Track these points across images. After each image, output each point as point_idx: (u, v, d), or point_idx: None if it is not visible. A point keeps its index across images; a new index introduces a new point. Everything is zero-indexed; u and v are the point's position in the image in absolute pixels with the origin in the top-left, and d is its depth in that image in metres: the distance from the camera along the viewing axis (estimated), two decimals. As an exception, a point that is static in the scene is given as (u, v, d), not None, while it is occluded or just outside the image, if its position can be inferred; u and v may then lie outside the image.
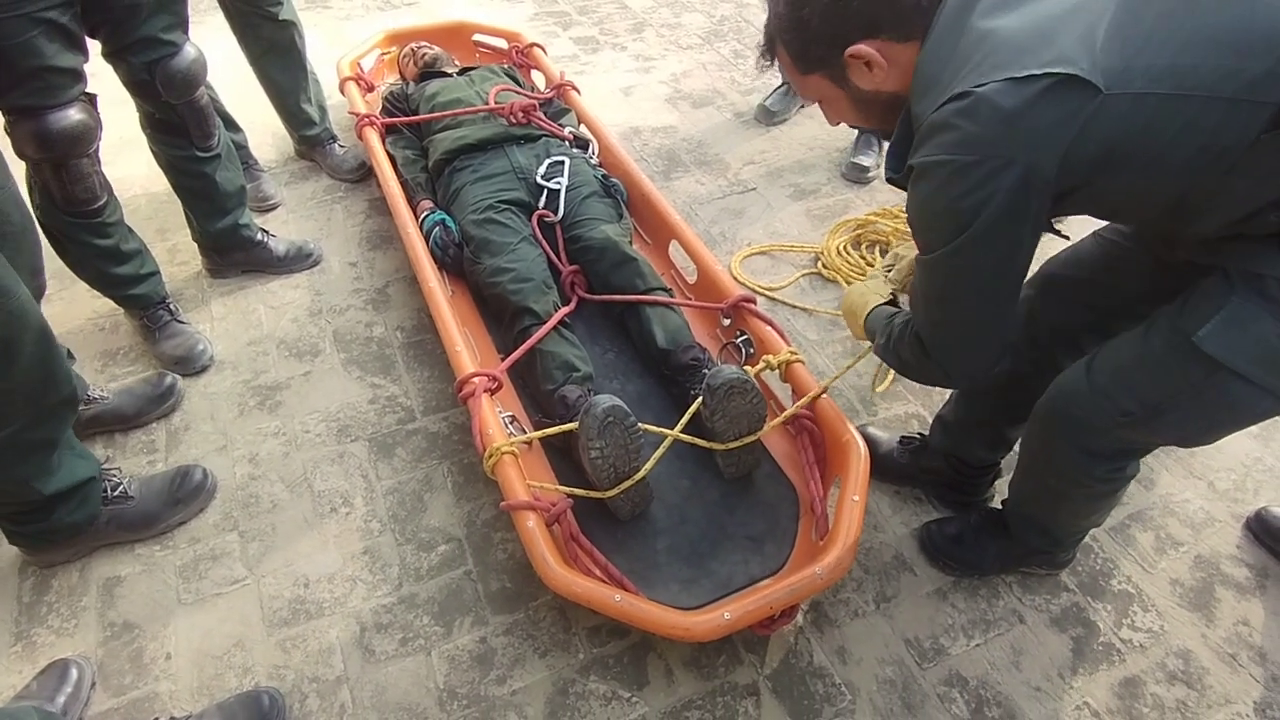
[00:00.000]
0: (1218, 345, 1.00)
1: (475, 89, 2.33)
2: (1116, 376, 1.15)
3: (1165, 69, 0.86)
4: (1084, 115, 0.87)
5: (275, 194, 2.46)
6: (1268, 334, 0.96)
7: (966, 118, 0.91)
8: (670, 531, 1.52)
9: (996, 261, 1.02)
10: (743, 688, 1.39)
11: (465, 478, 1.72)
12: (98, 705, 1.36)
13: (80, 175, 1.58)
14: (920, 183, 1.00)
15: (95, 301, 2.08)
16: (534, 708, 1.36)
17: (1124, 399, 1.13)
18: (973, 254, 1.00)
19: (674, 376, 1.74)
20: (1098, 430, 1.19)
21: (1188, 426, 1.12)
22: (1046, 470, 1.32)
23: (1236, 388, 1.02)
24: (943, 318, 1.13)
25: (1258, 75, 0.84)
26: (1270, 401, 1.03)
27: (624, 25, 3.56)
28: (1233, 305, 0.98)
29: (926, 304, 1.15)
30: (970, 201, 0.94)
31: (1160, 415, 1.11)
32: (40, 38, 1.41)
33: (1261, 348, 0.98)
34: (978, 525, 1.56)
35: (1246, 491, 1.72)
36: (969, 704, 1.38)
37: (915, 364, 1.23)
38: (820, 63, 1.08)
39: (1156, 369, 1.09)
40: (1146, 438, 1.19)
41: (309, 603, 1.50)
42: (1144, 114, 0.87)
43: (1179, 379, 1.06)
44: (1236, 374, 1.00)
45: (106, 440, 1.78)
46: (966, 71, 0.92)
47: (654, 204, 2.12)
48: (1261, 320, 0.96)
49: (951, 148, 0.93)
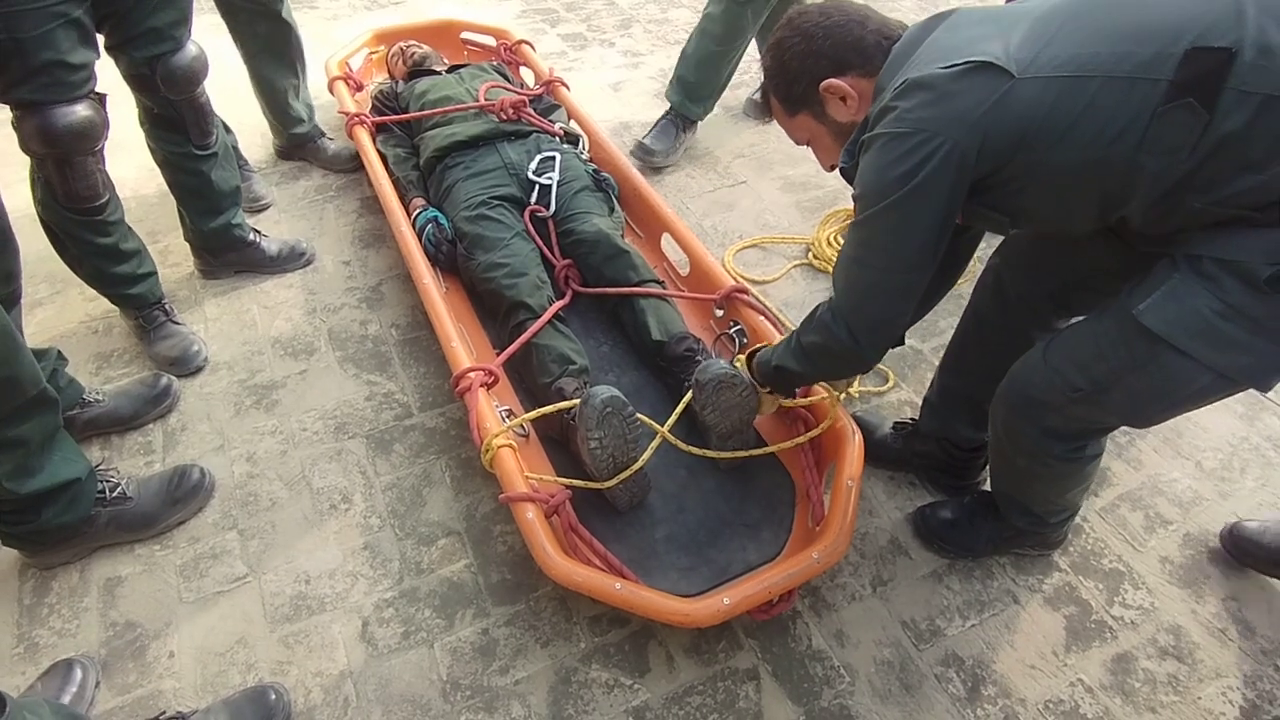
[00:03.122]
0: (1156, 319, 1.05)
1: (465, 86, 2.33)
2: (1067, 354, 1.20)
3: (1069, 57, 0.99)
4: (998, 94, 1.01)
5: (266, 194, 2.46)
6: (1203, 309, 1.01)
7: (903, 98, 1.06)
8: (669, 520, 1.54)
9: (914, 225, 1.12)
10: (743, 672, 1.41)
11: (463, 472, 1.73)
12: (102, 704, 1.36)
13: (84, 172, 1.58)
14: (864, 155, 1.13)
15: (89, 304, 2.08)
16: (537, 697, 1.38)
17: (1074, 375, 1.17)
18: (894, 217, 1.11)
19: (669, 368, 1.75)
20: (1052, 408, 1.23)
21: (1134, 403, 1.15)
22: (1013, 451, 1.36)
23: (1176, 362, 1.06)
24: (857, 278, 1.23)
25: (1148, 57, 0.95)
26: (1210, 378, 1.06)
27: (611, 21, 3.57)
28: (1173, 282, 1.04)
29: (847, 267, 1.24)
30: (900, 170, 1.07)
31: (1107, 391, 1.15)
32: (57, 31, 1.41)
33: (1197, 322, 1.02)
34: (970, 508, 1.59)
35: (1233, 470, 1.75)
36: (966, 683, 1.40)
37: (824, 341, 1.30)
38: (802, 101, 1.25)
39: (1104, 345, 1.13)
40: (1098, 415, 1.23)
41: (310, 599, 1.51)
42: (1051, 95, 0.99)
43: (1124, 355, 1.10)
44: (1175, 348, 1.04)
45: (103, 442, 1.78)
46: (909, 70, 1.09)
47: (645, 198, 2.14)
48: (1198, 296, 1.01)
49: (890, 123, 1.07)
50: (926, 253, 1.14)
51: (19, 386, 1.34)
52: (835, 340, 1.27)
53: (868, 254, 1.19)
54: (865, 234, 1.17)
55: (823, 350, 1.31)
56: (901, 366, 1.98)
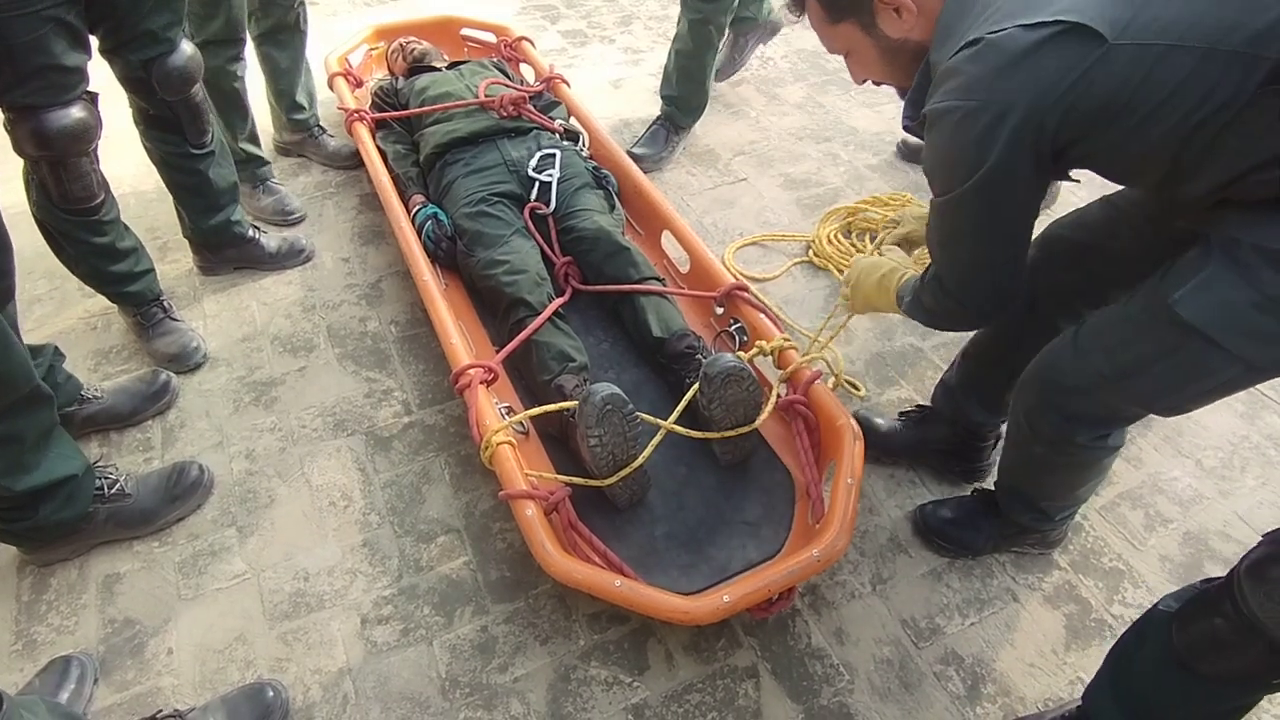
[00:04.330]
0: (1191, 308, 1.01)
1: (465, 83, 2.33)
2: (1097, 340, 1.17)
3: (1170, 21, 0.88)
4: (1088, 63, 0.90)
5: (299, 206, 2.41)
6: (1239, 300, 0.98)
7: (974, 62, 0.95)
8: (668, 518, 1.54)
9: (1003, 204, 1.06)
10: (742, 670, 1.41)
11: (463, 469, 1.72)
12: (100, 701, 1.36)
13: (79, 173, 1.58)
14: (932, 131, 1.05)
15: (87, 300, 2.07)
16: (536, 694, 1.37)
17: (1101, 362, 1.15)
18: (980, 197, 1.04)
19: (669, 365, 1.75)
20: (1077, 393, 1.21)
21: (1161, 391, 1.13)
22: (1033, 438, 1.33)
23: (1207, 352, 1.03)
24: (957, 256, 1.18)
25: (1260, 29, 0.86)
26: (1239, 369, 1.03)
27: (612, 18, 3.56)
28: (1209, 271, 1.00)
29: (942, 245, 1.19)
30: (976, 149, 0.99)
31: (1134, 378, 1.12)
32: (49, 35, 1.40)
33: (1232, 313, 0.99)
34: (971, 506, 1.58)
35: (1234, 469, 1.75)
36: (965, 681, 1.40)
37: (936, 306, 1.27)
38: (851, 9, 1.12)
39: (1134, 332, 1.11)
40: (1124, 402, 1.21)
41: (309, 596, 1.51)
42: (1146, 64, 0.90)
43: (1153, 342, 1.08)
44: (1207, 338, 1.01)
45: (102, 439, 1.77)
46: (981, 20, 0.97)
47: (646, 195, 2.13)
48: (1235, 287, 0.98)
49: (958, 93, 0.97)
50: (1020, 225, 1.10)
51: (11, 383, 1.34)
52: (946, 307, 1.24)
53: (957, 235, 1.15)
54: (950, 218, 1.13)
55: (936, 312, 1.28)
56: (901, 365, 1.98)
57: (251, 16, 2.26)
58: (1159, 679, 1.07)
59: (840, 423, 1.52)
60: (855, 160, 2.68)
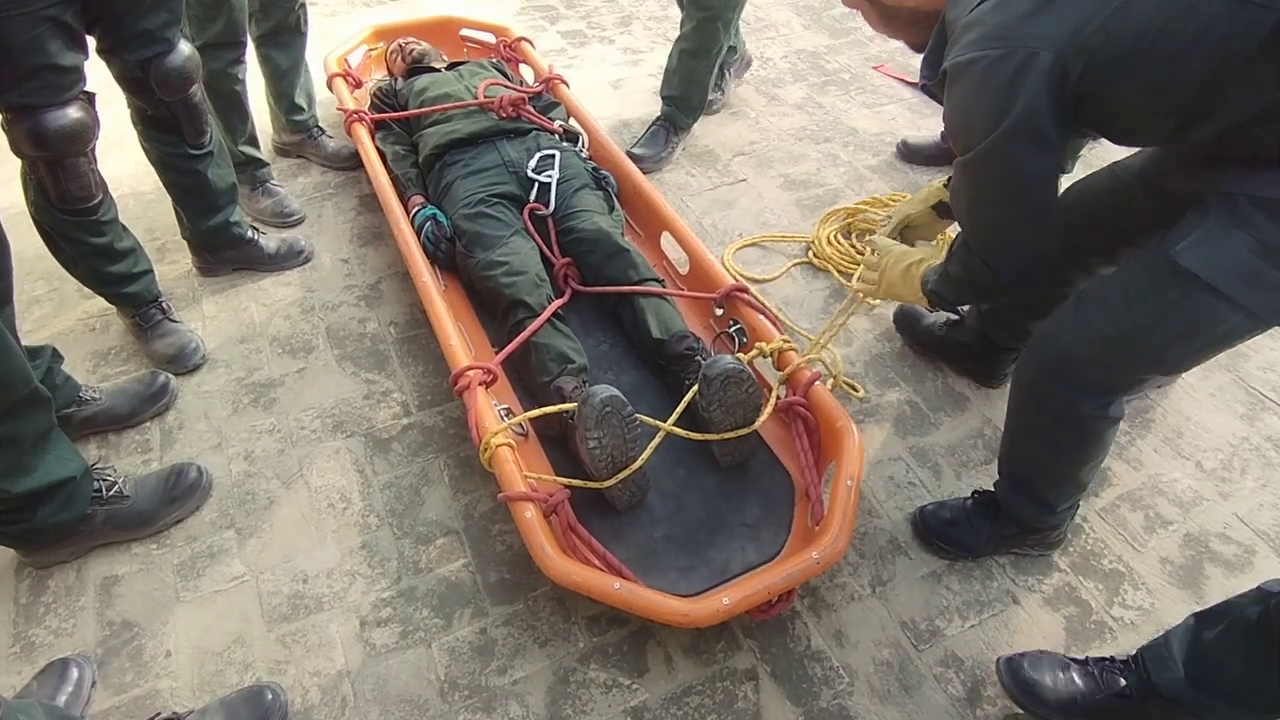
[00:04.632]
0: (1194, 259, 1.05)
1: (464, 84, 2.32)
2: (1099, 304, 1.20)
3: None
4: (1110, 9, 0.94)
5: (298, 208, 2.40)
6: (1239, 249, 1.02)
7: (997, 12, 0.99)
8: (667, 520, 1.54)
9: (1027, 157, 1.07)
10: (742, 672, 1.41)
11: (462, 471, 1.72)
12: (99, 704, 1.36)
13: (77, 173, 1.57)
14: (954, 85, 1.06)
15: (85, 302, 2.07)
16: (535, 697, 1.37)
17: (1105, 325, 1.18)
18: (1006, 147, 1.06)
19: (668, 366, 1.74)
20: (1083, 361, 1.23)
21: (1166, 347, 1.16)
22: (1037, 414, 1.35)
23: (1210, 302, 1.07)
24: (984, 218, 1.20)
25: None
26: (1240, 317, 1.07)
27: (611, 19, 3.56)
28: (1209, 224, 1.05)
29: (969, 206, 1.20)
30: (1001, 96, 1.01)
31: (1139, 337, 1.15)
32: (45, 35, 1.40)
33: (1233, 261, 1.03)
34: (971, 508, 1.58)
35: (1234, 471, 1.75)
36: (965, 684, 1.40)
37: (965, 274, 1.28)
38: None
39: (1137, 292, 1.15)
40: (1128, 364, 1.22)
41: (308, 598, 1.50)
42: (1166, 11, 0.93)
43: (1156, 299, 1.12)
44: (1211, 287, 1.05)
45: (100, 440, 1.77)
46: None
47: (645, 196, 2.13)
48: (1234, 236, 1.03)
49: (982, 42, 1.00)
50: (1045, 181, 1.11)
51: (8, 385, 1.34)
52: (976, 273, 1.25)
53: (983, 194, 1.16)
54: (975, 177, 1.13)
55: (967, 283, 1.30)
56: (901, 366, 1.98)
57: (252, 18, 2.26)
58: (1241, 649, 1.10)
59: (840, 424, 1.51)
60: (855, 161, 2.68)
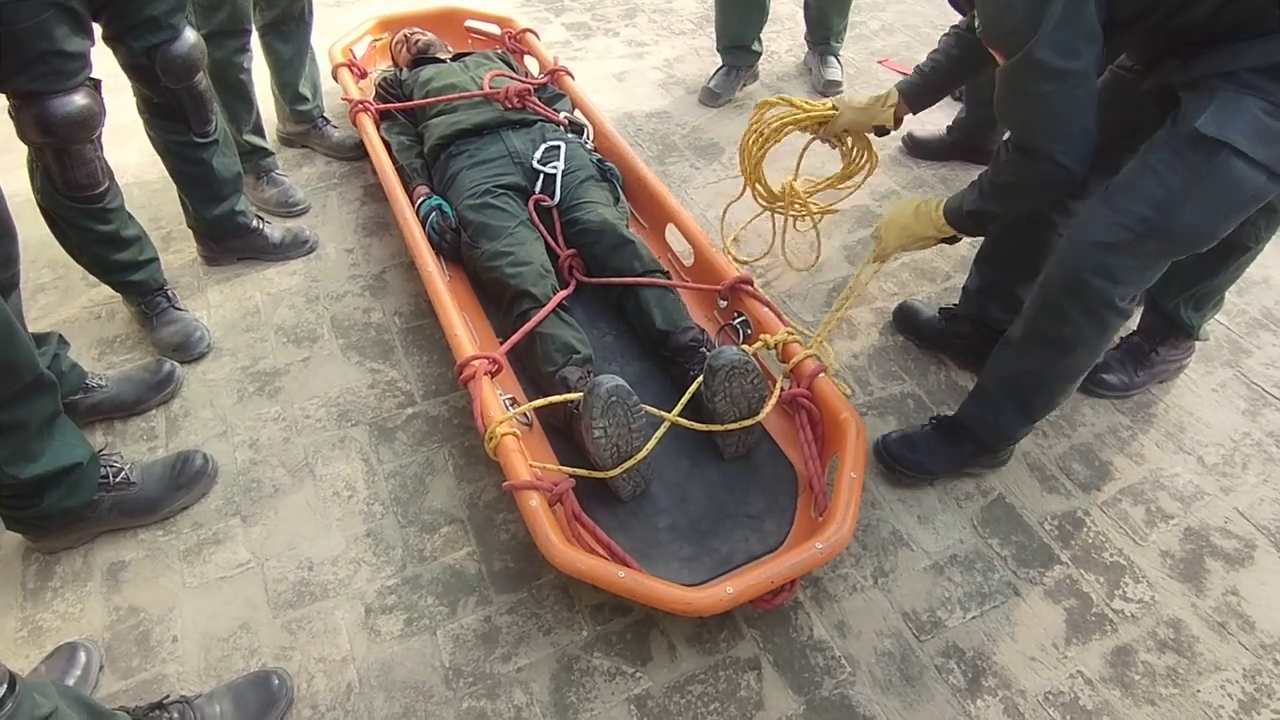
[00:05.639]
0: (1216, 127, 1.16)
1: (469, 74, 2.32)
2: (1127, 190, 1.28)
3: None
4: None
5: (303, 198, 2.41)
6: (1254, 111, 1.15)
7: None
8: (671, 510, 1.54)
9: (1075, 34, 1.15)
10: (744, 661, 1.42)
11: (466, 460, 1.73)
12: (106, 687, 1.37)
13: (83, 160, 1.58)
14: None
15: (91, 289, 2.08)
16: (539, 684, 1.38)
17: (1139, 207, 1.26)
18: (1056, 39, 1.15)
19: (673, 358, 1.75)
20: (1119, 249, 1.29)
21: (1199, 216, 1.24)
22: (1064, 313, 1.39)
23: (1234, 164, 1.17)
24: (1042, 113, 1.27)
25: None
26: (1263, 178, 1.18)
27: (616, 11, 3.55)
28: (1221, 96, 1.17)
29: (1024, 106, 1.28)
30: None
31: (1174, 212, 1.23)
32: (51, 21, 1.40)
33: (1253, 123, 1.15)
34: (927, 433, 1.70)
35: (1235, 465, 1.75)
36: (966, 674, 1.41)
37: (1019, 177, 1.35)
38: None
39: (1164, 169, 1.23)
40: (1163, 245, 1.29)
41: (313, 585, 1.51)
42: None
43: (1183, 170, 1.21)
44: (1234, 150, 1.16)
45: (106, 427, 1.78)
46: None
47: (650, 188, 2.13)
48: (1246, 102, 1.15)
49: None
50: (1095, 44, 1.18)
51: (15, 371, 1.34)
52: (1037, 172, 1.32)
53: (1038, 90, 1.22)
54: (1027, 74, 1.20)
55: (1022, 188, 1.37)
56: (905, 360, 1.98)
57: (256, 7, 2.26)
58: None
59: (844, 416, 1.52)
60: (859, 155, 2.67)
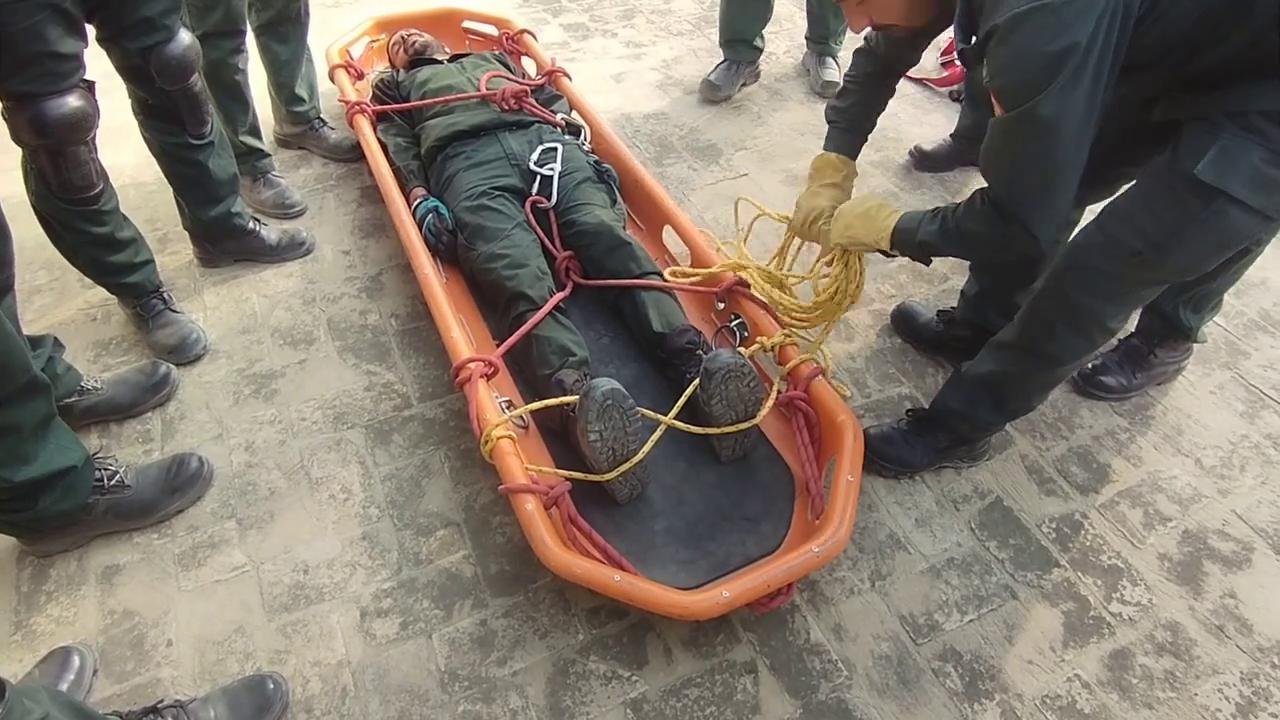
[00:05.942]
0: (1215, 174, 1.15)
1: (467, 75, 2.32)
2: (1123, 221, 1.28)
3: None
4: None
5: (300, 200, 2.40)
6: (1255, 161, 1.13)
7: None
8: (668, 513, 1.54)
9: (1081, 106, 1.12)
10: (741, 665, 1.41)
11: (462, 463, 1.72)
12: (100, 691, 1.36)
13: (77, 162, 1.57)
14: (1011, 36, 1.08)
15: (87, 291, 2.07)
16: (535, 688, 1.38)
17: (1132, 239, 1.26)
18: (1061, 103, 1.10)
19: (669, 360, 1.75)
20: (1109, 275, 1.31)
21: (1191, 256, 1.26)
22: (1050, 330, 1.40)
23: (1231, 211, 1.17)
24: (1028, 176, 1.23)
25: None
26: (1258, 221, 1.19)
27: (614, 12, 3.55)
28: (1224, 141, 1.15)
29: (1012, 162, 1.23)
30: (1063, 42, 1.04)
31: (1168, 248, 1.24)
32: (45, 22, 1.40)
33: (1251, 172, 1.14)
34: (905, 427, 1.72)
35: (1233, 468, 1.75)
36: (963, 678, 1.41)
37: (986, 230, 1.31)
38: None
39: (1160, 207, 1.23)
40: (1154, 273, 1.31)
41: (309, 588, 1.51)
42: None
43: (1180, 212, 1.20)
44: (1232, 198, 1.15)
45: (102, 430, 1.77)
46: None
47: (647, 189, 2.13)
48: (1250, 150, 1.13)
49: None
50: (1094, 116, 1.15)
51: (9, 374, 1.34)
52: (1003, 234, 1.28)
53: (1035, 147, 1.18)
54: (1029, 128, 1.16)
55: (986, 241, 1.34)
56: (902, 362, 1.98)
57: (251, 8, 2.25)
58: None
59: (840, 419, 1.52)
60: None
